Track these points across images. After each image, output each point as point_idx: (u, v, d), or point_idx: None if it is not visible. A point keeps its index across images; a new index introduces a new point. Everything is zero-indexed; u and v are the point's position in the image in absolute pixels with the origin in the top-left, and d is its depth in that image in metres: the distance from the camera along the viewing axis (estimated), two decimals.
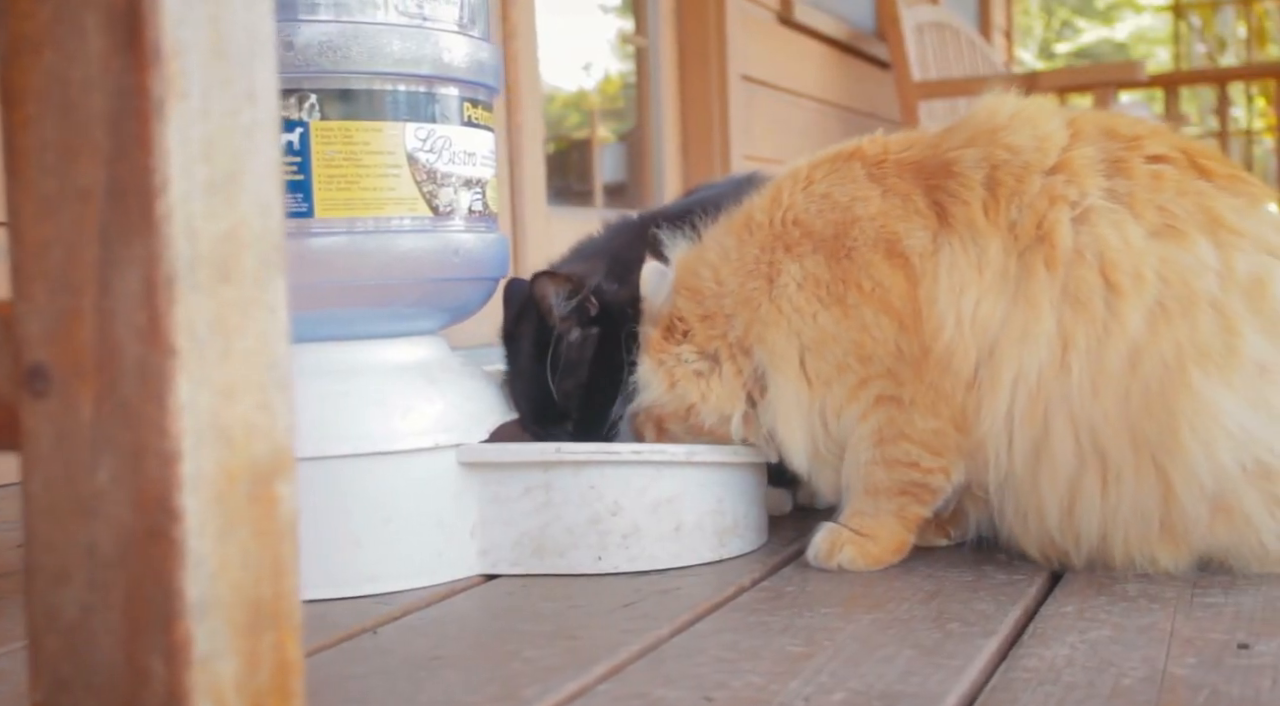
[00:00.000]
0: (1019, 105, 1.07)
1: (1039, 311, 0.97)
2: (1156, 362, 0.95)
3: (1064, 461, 0.97)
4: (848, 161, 1.09)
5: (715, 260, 1.10)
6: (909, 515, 1.05)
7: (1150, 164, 1.01)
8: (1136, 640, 0.85)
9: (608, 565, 1.08)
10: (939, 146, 1.06)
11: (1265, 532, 0.96)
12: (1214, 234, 0.98)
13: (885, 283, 1.02)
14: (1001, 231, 1.00)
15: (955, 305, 0.99)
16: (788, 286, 1.05)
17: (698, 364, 1.10)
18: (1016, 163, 1.01)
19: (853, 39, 5.01)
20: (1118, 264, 0.96)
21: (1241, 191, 1.00)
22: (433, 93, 1.07)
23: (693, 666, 0.83)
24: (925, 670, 0.80)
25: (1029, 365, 0.97)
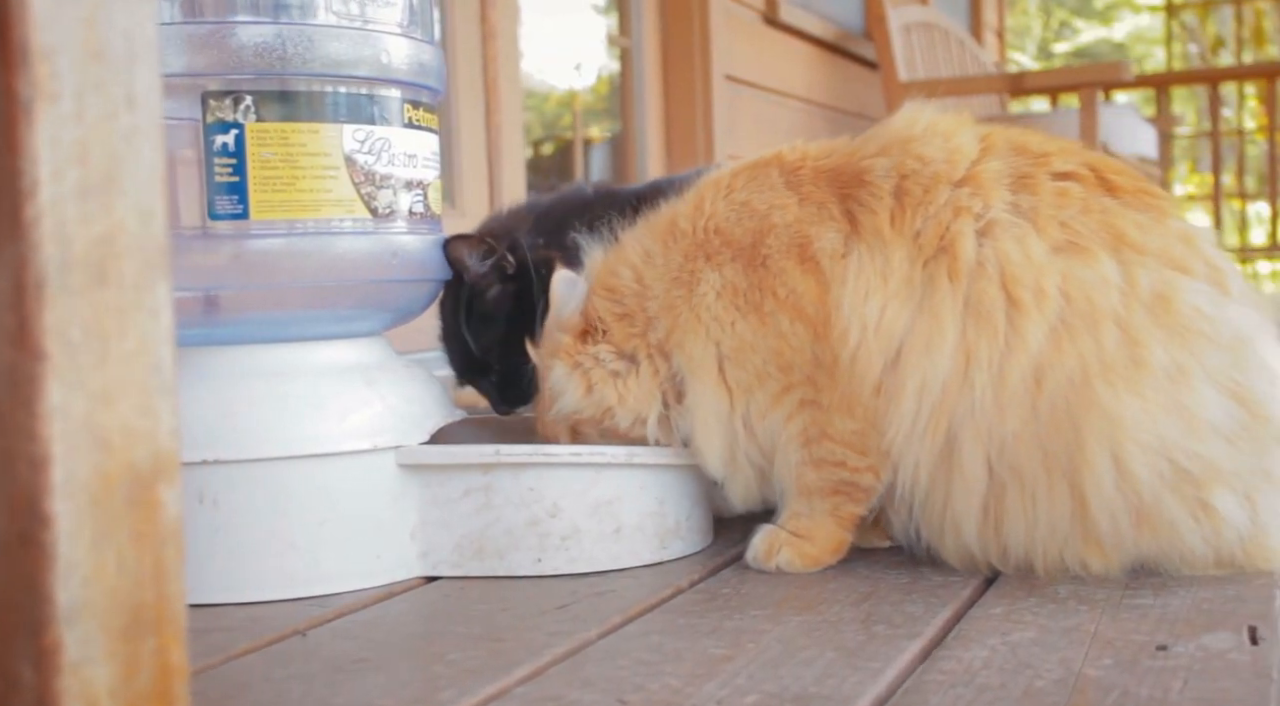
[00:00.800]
0: (934, 117, 1.07)
1: (942, 323, 0.97)
2: (1061, 379, 0.95)
3: (975, 477, 0.97)
4: (766, 169, 1.09)
5: (637, 261, 1.10)
6: (844, 514, 1.05)
7: (1057, 180, 1.01)
8: (1058, 642, 0.85)
9: (548, 567, 1.08)
10: (854, 155, 1.06)
11: (1190, 538, 0.96)
12: (1118, 250, 0.98)
13: (798, 289, 1.03)
14: (906, 240, 1.00)
15: (860, 310, 1.00)
16: (706, 295, 1.06)
17: (615, 364, 1.10)
18: (925, 173, 1.02)
19: (840, 39, 5.01)
20: (1019, 279, 0.97)
21: (1149, 207, 1.01)
22: (372, 94, 1.07)
23: (614, 669, 0.83)
24: (843, 672, 0.80)
25: (932, 376, 0.97)
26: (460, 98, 2.96)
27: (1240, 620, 0.88)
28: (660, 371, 1.09)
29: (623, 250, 1.13)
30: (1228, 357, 0.96)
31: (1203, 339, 0.96)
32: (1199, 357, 0.95)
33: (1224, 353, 0.96)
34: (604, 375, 1.10)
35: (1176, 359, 0.95)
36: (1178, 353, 0.95)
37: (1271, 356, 0.99)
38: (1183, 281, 0.97)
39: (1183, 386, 0.95)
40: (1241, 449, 0.95)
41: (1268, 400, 0.96)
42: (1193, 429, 0.94)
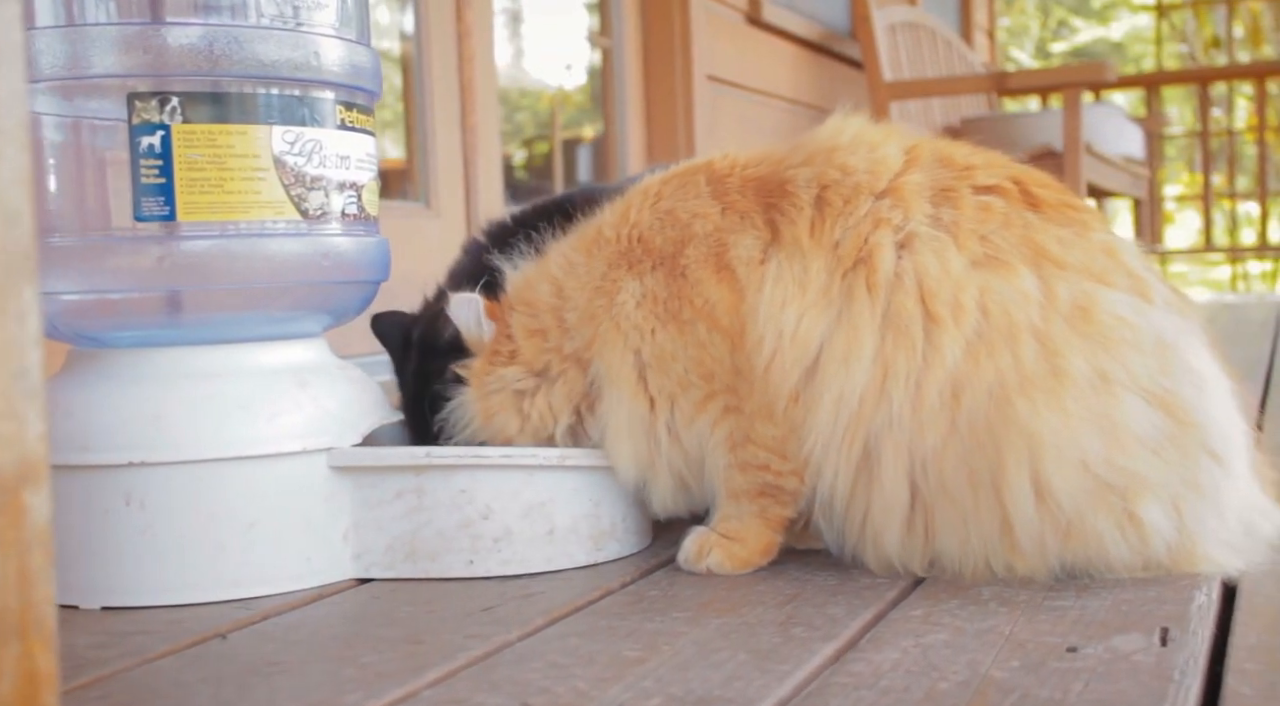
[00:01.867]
0: (861, 128, 1.07)
1: (860, 335, 0.97)
2: (980, 395, 0.95)
3: (895, 490, 0.97)
4: (695, 177, 1.09)
5: (557, 273, 1.11)
6: (771, 517, 1.05)
7: (979, 194, 1.01)
8: (970, 644, 0.85)
9: (480, 569, 1.08)
10: (780, 164, 1.07)
11: (1116, 550, 0.96)
12: (1038, 264, 0.98)
13: (713, 298, 1.03)
14: (825, 250, 1.00)
15: (776, 318, 0.99)
16: (626, 304, 1.06)
17: (521, 383, 1.10)
18: (847, 184, 1.02)
19: (825, 39, 5.01)
20: (936, 293, 0.97)
21: (1072, 221, 1.01)
22: (302, 96, 1.07)
23: (525, 671, 0.83)
24: (751, 675, 0.80)
25: (849, 388, 0.97)
26: (434, 98, 2.96)
27: (1156, 621, 0.88)
28: (575, 383, 1.09)
29: (544, 263, 1.13)
30: (1153, 363, 0.96)
31: (1125, 346, 0.95)
32: (1123, 364, 0.95)
33: (1148, 358, 0.96)
34: (506, 399, 1.10)
35: (1099, 367, 0.95)
36: (1100, 360, 0.95)
37: (1199, 361, 0.98)
38: (1103, 292, 0.97)
39: (1106, 396, 0.94)
40: (1167, 459, 0.95)
41: (1194, 407, 0.96)
42: (1117, 440, 0.94)
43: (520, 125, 4.22)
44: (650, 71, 4.00)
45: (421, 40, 2.96)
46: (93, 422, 1.03)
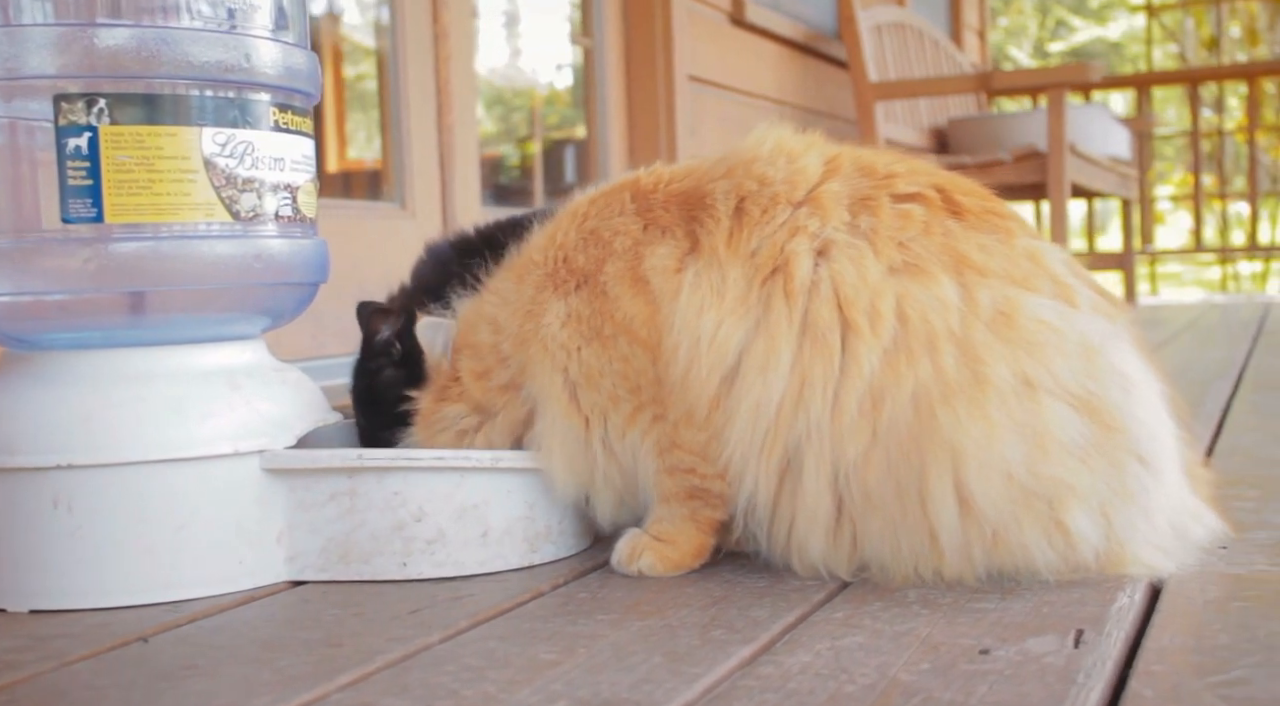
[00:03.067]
0: (782, 139, 1.08)
1: (777, 343, 0.97)
2: (901, 404, 0.94)
3: (818, 500, 0.97)
4: (621, 195, 1.10)
5: (492, 312, 1.12)
6: (702, 519, 1.05)
7: (899, 202, 1.01)
8: (885, 646, 0.84)
9: (413, 571, 1.08)
10: (702, 177, 1.07)
11: (1043, 558, 0.95)
12: (959, 272, 0.97)
13: (630, 312, 1.03)
14: (742, 259, 1.00)
15: (693, 325, 1.00)
16: (551, 325, 1.06)
17: (465, 422, 1.12)
18: (765, 194, 1.02)
19: (811, 40, 5.01)
20: (854, 300, 0.96)
21: (995, 228, 1.00)
22: (234, 98, 1.07)
23: (437, 675, 0.83)
24: (662, 678, 0.80)
25: (767, 396, 0.97)
26: (410, 98, 2.96)
27: (1073, 623, 0.87)
28: (515, 412, 1.11)
29: (481, 301, 1.14)
30: (1078, 366, 0.95)
31: (1049, 350, 0.95)
32: (1047, 369, 0.94)
33: (1073, 362, 0.95)
34: (450, 439, 1.13)
35: (1022, 373, 0.94)
36: (1024, 366, 0.94)
37: (1127, 364, 0.98)
38: (1027, 297, 0.97)
39: (1031, 402, 0.94)
40: (1094, 466, 0.94)
41: (1121, 411, 0.95)
42: (1043, 448, 0.93)
43: (501, 126, 4.22)
44: (632, 72, 4.00)
45: (397, 40, 2.96)
46: (21, 425, 1.03)
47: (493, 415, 1.12)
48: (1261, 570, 0.99)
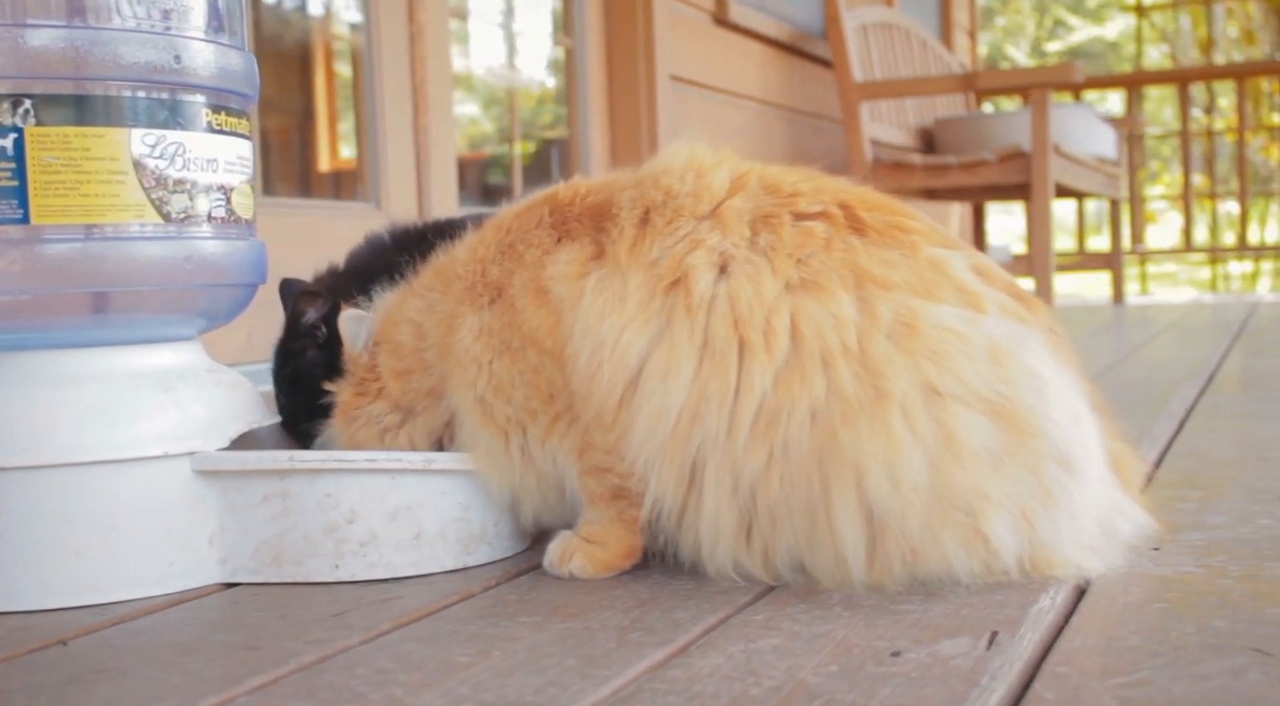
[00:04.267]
0: (694, 153, 1.08)
1: (679, 354, 0.97)
2: (799, 423, 0.94)
3: (720, 512, 0.97)
4: (540, 208, 1.10)
5: (417, 316, 1.13)
6: (629, 519, 1.05)
7: (801, 220, 1.01)
8: (799, 648, 0.84)
9: (345, 573, 1.08)
10: (616, 189, 1.07)
11: (963, 567, 0.95)
12: (859, 288, 0.97)
13: (534, 322, 1.04)
14: (643, 267, 1.01)
15: (596, 329, 1.00)
16: (465, 338, 1.07)
17: (388, 420, 1.13)
18: (670, 206, 1.03)
19: (797, 39, 5.00)
20: (749, 318, 0.96)
21: (899, 243, 1.00)
22: (163, 99, 1.07)
23: (348, 678, 0.82)
24: (571, 680, 0.80)
25: (667, 405, 0.97)
26: (385, 97, 2.95)
27: (990, 625, 0.87)
28: (436, 417, 1.12)
29: (405, 302, 1.15)
30: (986, 370, 0.94)
31: (955, 356, 0.94)
32: (954, 375, 0.94)
33: (981, 366, 0.94)
34: (372, 435, 1.13)
35: (927, 381, 0.94)
36: (928, 374, 0.94)
37: (1040, 365, 0.97)
38: (930, 307, 0.96)
39: (938, 411, 0.93)
40: (1010, 472, 0.94)
41: (1036, 413, 0.95)
42: (955, 456, 0.93)
43: (480, 126, 4.22)
44: (613, 72, 4.00)
45: (371, 39, 2.96)
46: None
47: (415, 415, 1.13)
48: (1187, 572, 0.99)
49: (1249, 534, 1.11)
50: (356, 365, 1.15)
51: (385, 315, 1.16)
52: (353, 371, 1.15)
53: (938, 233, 1.05)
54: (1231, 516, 1.18)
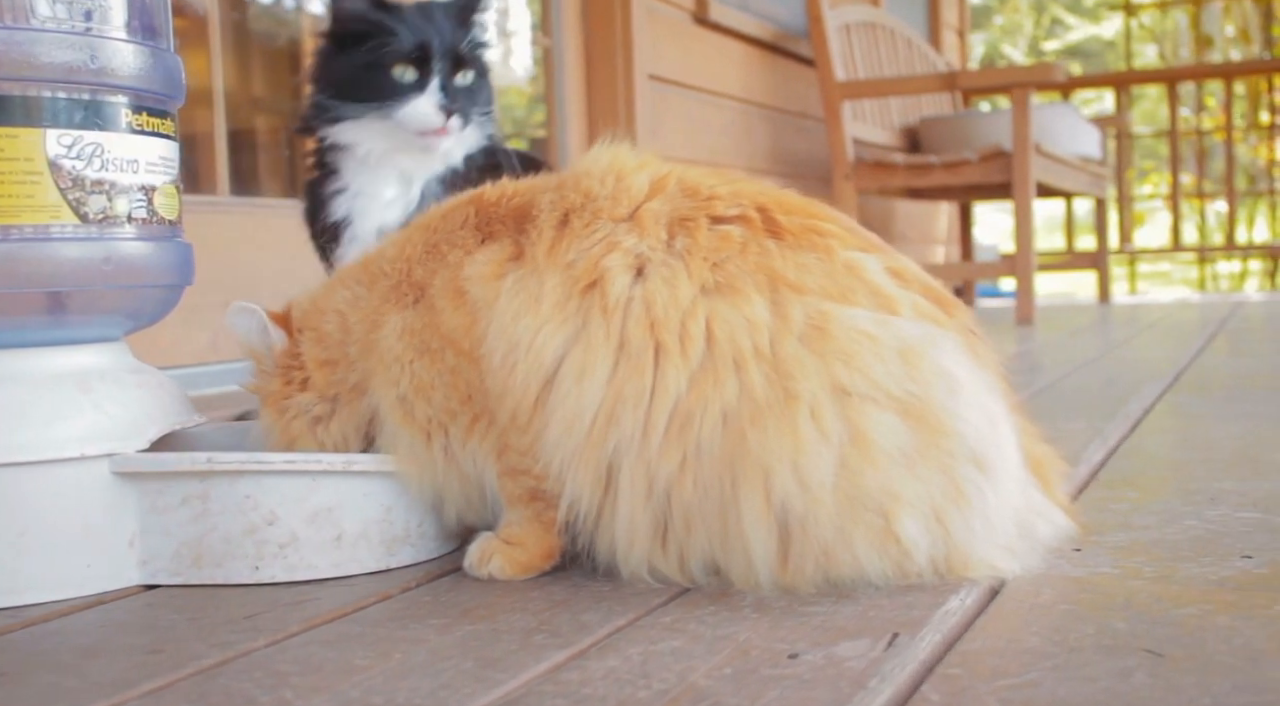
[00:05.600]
0: (616, 156, 1.08)
1: (595, 356, 0.97)
2: (712, 425, 0.94)
3: (636, 514, 0.97)
4: (465, 209, 1.10)
5: (343, 307, 1.12)
6: (547, 520, 1.04)
7: (718, 224, 1.01)
8: (698, 650, 0.84)
9: (265, 575, 1.08)
10: (539, 191, 1.07)
11: (875, 569, 0.94)
12: (773, 291, 0.97)
13: (452, 323, 1.04)
14: (560, 269, 1.00)
15: (511, 330, 1.00)
16: (388, 337, 1.07)
17: (317, 409, 1.12)
18: (589, 208, 1.03)
19: (780, 39, 5.00)
20: (664, 321, 0.96)
21: (815, 246, 1.00)
22: (81, 99, 1.06)
23: (242, 681, 0.82)
24: (465, 684, 0.79)
25: (584, 407, 0.97)
26: None
27: (895, 626, 0.87)
28: (362, 412, 1.11)
29: (334, 291, 1.14)
30: (898, 370, 0.94)
31: (866, 357, 0.94)
32: (864, 376, 0.93)
33: (892, 366, 0.94)
34: (304, 426, 1.12)
35: (837, 382, 0.93)
36: (838, 375, 0.93)
37: (954, 365, 0.97)
38: (842, 310, 0.96)
39: (848, 410, 0.93)
40: (922, 472, 0.93)
41: (948, 414, 0.94)
42: (866, 456, 0.92)
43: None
44: (591, 71, 4.00)
45: None
46: None
47: (342, 406, 1.12)
48: (1103, 573, 0.99)
49: (1173, 535, 1.10)
50: (263, 358, 1.14)
51: (312, 303, 1.15)
52: (277, 361, 1.14)
53: (855, 235, 1.05)
54: (1161, 517, 1.17)
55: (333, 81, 1.53)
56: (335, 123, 1.54)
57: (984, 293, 6.55)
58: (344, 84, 1.51)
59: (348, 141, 1.54)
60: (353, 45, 1.52)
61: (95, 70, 1.07)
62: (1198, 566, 0.99)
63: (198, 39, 2.80)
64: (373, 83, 1.50)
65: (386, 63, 1.50)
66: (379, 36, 1.50)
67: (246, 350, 1.15)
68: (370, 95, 1.50)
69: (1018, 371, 2.69)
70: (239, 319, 1.13)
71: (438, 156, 1.57)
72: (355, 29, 1.51)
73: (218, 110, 2.74)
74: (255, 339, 1.13)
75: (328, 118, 1.53)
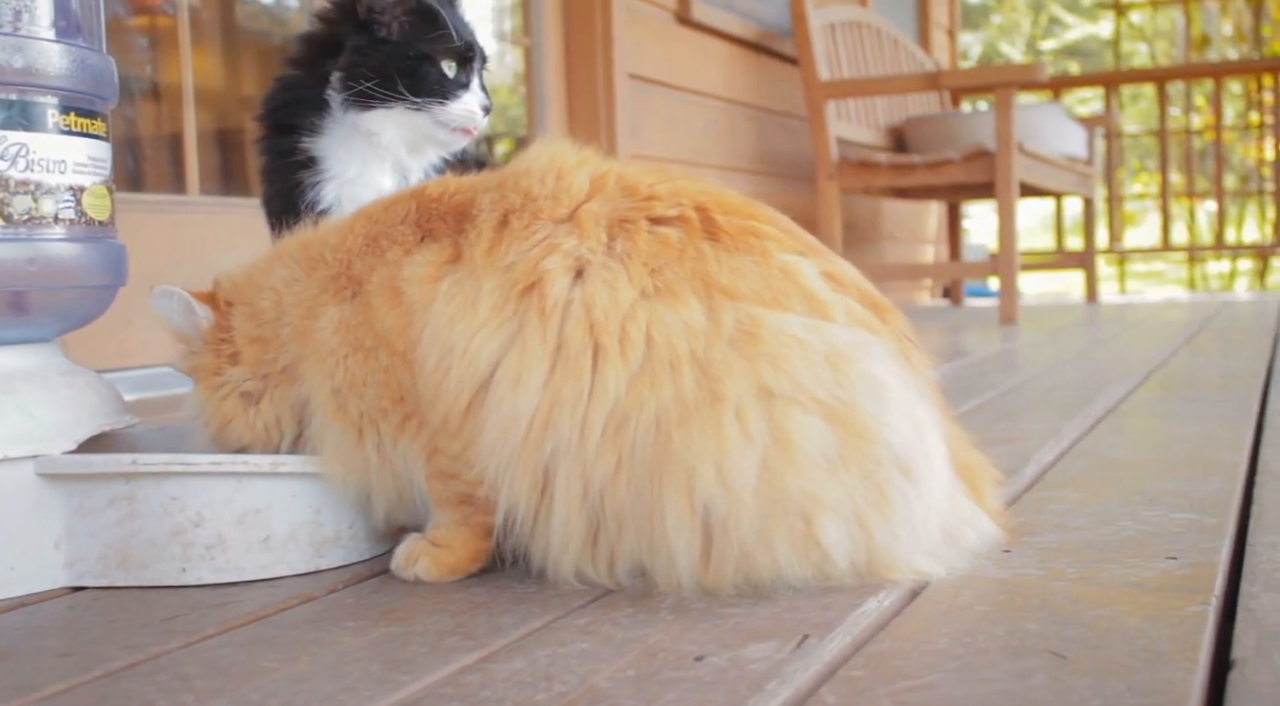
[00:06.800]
0: (557, 154, 1.07)
1: (530, 360, 0.96)
2: (645, 428, 0.93)
3: (571, 517, 0.96)
4: (407, 203, 1.09)
5: (280, 286, 1.11)
6: (475, 524, 1.04)
7: (657, 225, 1.00)
8: (607, 653, 0.83)
9: (192, 577, 1.07)
10: (479, 189, 1.06)
11: (794, 572, 0.94)
12: (708, 295, 0.96)
13: (388, 323, 1.03)
14: (498, 271, 0.99)
15: (445, 334, 0.99)
16: (324, 329, 1.06)
17: (249, 385, 1.11)
18: (529, 209, 1.02)
19: (765, 38, 5.00)
20: (604, 324, 0.95)
21: (751, 249, 0.99)
22: (7, 99, 1.06)
23: (146, 685, 0.81)
24: (367, 686, 0.79)
25: (520, 411, 0.96)
26: None
27: (809, 628, 0.86)
28: (288, 396, 1.10)
29: (270, 269, 1.13)
30: (825, 375, 0.93)
31: (794, 361, 0.93)
32: (791, 379, 0.93)
33: (820, 371, 0.93)
34: (238, 405, 1.11)
35: (763, 384, 0.93)
36: (764, 377, 0.93)
37: (883, 371, 0.96)
38: (773, 315, 0.96)
39: (774, 413, 0.92)
40: (844, 476, 0.93)
41: (875, 420, 0.94)
42: (789, 460, 0.92)
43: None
44: (571, 71, 3.99)
45: None
46: None
47: (274, 386, 1.11)
48: (1027, 574, 0.98)
49: (1106, 536, 1.10)
50: (190, 339, 1.13)
51: (247, 277, 1.14)
52: (204, 337, 1.13)
53: (793, 238, 1.04)
54: (1097, 518, 1.17)
55: (373, 68, 1.51)
56: (367, 109, 1.52)
57: (973, 292, 6.55)
58: (386, 73, 1.50)
59: (373, 129, 1.53)
60: (395, 38, 1.51)
61: (21, 70, 1.06)
62: (1121, 567, 0.99)
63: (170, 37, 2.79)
64: (420, 74, 1.50)
65: (438, 56, 1.50)
66: (431, 31, 1.50)
67: (174, 334, 1.13)
68: (415, 87, 1.50)
69: (992, 371, 2.69)
70: (161, 303, 1.12)
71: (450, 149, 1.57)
72: (403, 21, 1.51)
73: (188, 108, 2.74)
74: (180, 320, 1.12)
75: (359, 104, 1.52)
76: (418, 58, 1.49)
